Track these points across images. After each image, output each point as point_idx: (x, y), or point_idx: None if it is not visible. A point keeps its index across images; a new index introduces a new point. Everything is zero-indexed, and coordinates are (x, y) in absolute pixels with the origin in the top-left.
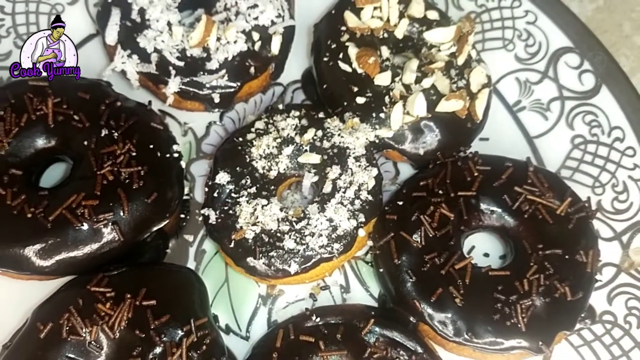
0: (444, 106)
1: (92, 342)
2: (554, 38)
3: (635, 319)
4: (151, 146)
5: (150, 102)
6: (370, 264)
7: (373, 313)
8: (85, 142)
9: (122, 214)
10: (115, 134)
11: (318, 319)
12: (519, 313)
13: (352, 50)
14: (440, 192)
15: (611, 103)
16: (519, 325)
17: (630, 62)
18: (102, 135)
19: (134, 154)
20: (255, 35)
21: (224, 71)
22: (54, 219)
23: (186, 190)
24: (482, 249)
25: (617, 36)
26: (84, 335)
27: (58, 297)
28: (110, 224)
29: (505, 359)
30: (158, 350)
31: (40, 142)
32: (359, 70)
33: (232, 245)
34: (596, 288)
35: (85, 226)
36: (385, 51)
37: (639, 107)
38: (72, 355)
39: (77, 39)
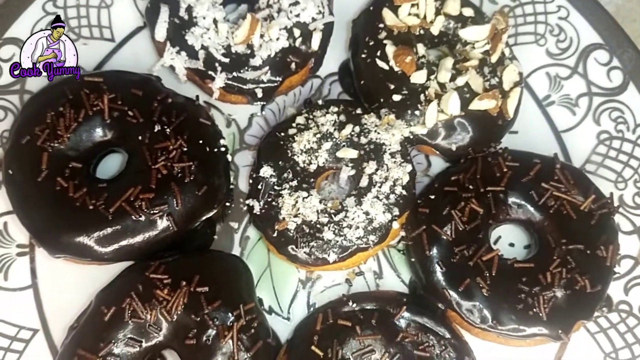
0: (477, 105)
1: (152, 325)
2: (584, 34)
3: None
4: (200, 141)
5: (197, 96)
6: (402, 252)
7: (405, 300)
8: (140, 137)
9: (175, 205)
10: (168, 130)
11: (354, 305)
12: (541, 303)
13: (390, 49)
14: (471, 187)
15: (638, 100)
16: (540, 315)
17: None
18: (155, 130)
19: (185, 149)
20: (297, 32)
21: (267, 67)
22: (114, 210)
23: (231, 179)
24: (508, 239)
25: None
26: (144, 318)
27: (119, 282)
28: (164, 215)
29: (527, 344)
30: (211, 332)
31: (98, 136)
32: (396, 68)
33: (275, 234)
34: (614, 279)
35: (143, 217)
36: (421, 48)
37: None
38: (133, 336)
39: (126, 32)
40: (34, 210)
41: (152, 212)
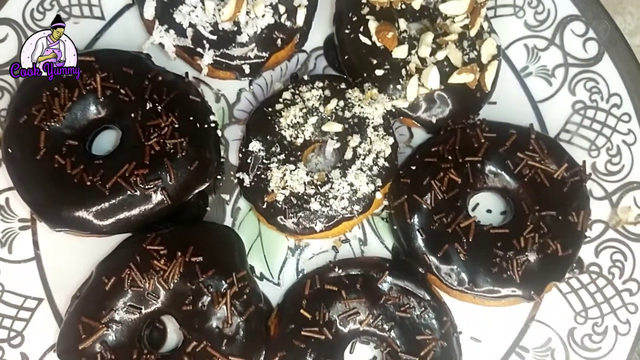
0: (455, 79)
1: (150, 293)
2: (562, 6)
3: (617, 270)
4: (191, 118)
5: (187, 73)
6: (385, 220)
7: (387, 265)
8: (132, 114)
9: (169, 180)
10: (159, 107)
11: (340, 271)
12: (515, 267)
13: (372, 25)
14: (450, 157)
15: (612, 71)
16: (514, 277)
17: (635, 19)
18: (147, 108)
19: (176, 125)
20: (282, 8)
21: (253, 44)
22: (111, 186)
23: (221, 154)
24: (486, 205)
25: None
26: (143, 286)
27: (118, 253)
28: (159, 189)
29: (502, 305)
30: (206, 299)
31: (92, 114)
32: (378, 44)
33: (264, 206)
34: (585, 242)
35: (138, 192)
36: (402, 23)
37: (638, 76)
38: (133, 304)
39: (116, 9)
40: (34, 186)
41: (146, 186)
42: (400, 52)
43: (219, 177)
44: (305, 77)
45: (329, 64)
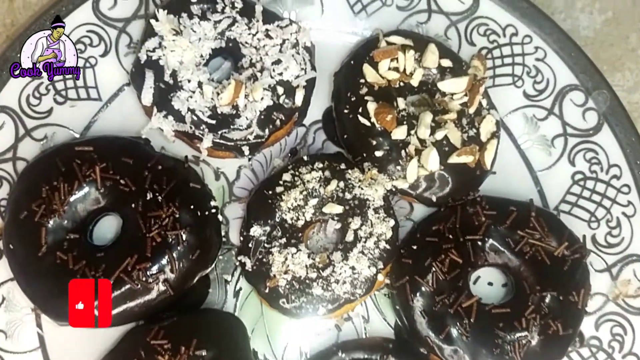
0: (455, 160)
1: None
2: (561, 75)
3: (617, 344)
4: (191, 206)
5: (186, 158)
6: (387, 295)
7: (390, 346)
8: (133, 205)
9: (170, 272)
10: (159, 198)
11: (343, 354)
12: (517, 348)
13: (371, 106)
14: (451, 237)
15: (611, 141)
16: (516, 358)
17: (634, 76)
18: (148, 198)
19: (177, 216)
20: (280, 90)
21: (252, 127)
22: (113, 281)
23: (222, 233)
24: (487, 278)
25: (623, 49)
26: None
27: (123, 347)
28: (160, 282)
29: None
30: None
31: (92, 204)
32: (377, 125)
33: (267, 290)
34: (586, 315)
35: (140, 285)
36: (401, 102)
37: (637, 146)
38: None
39: (112, 90)
40: (37, 282)
41: (149, 280)
42: (399, 134)
43: (220, 257)
44: (305, 157)
45: (328, 138)
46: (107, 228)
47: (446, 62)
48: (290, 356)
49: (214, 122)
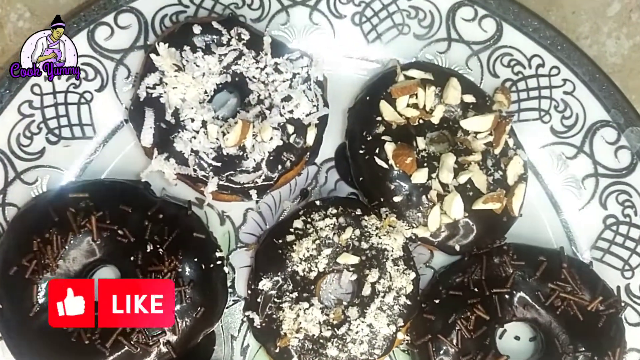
0: (481, 206)
1: None
2: (591, 110)
3: None
4: (195, 259)
5: (189, 204)
6: (406, 352)
7: None
8: (132, 258)
9: (172, 333)
10: (160, 250)
11: None
12: None
13: (389, 147)
14: (476, 289)
15: None
16: None
17: None
18: (148, 250)
19: (179, 270)
20: (290, 129)
21: (261, 170)
22: (111, 345)
23: (228, 283)
24: (513, 332)
25: None
26: None
27: None
28: (162, 344)
29: None
30: None
31: (87, 257)
32: (395, 168)
33: (277, 350)
34: None
35: (140, 350)
36: (421, 142)
37: None
38: None
39: (110, 127)
40: (28, 345)
41: (149, 343)
42: (420, 177)
43: (225, 310)
44: (317, 202)
45: (341, 178)
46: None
47: (469, 98)
48: None
49: (219, 164)
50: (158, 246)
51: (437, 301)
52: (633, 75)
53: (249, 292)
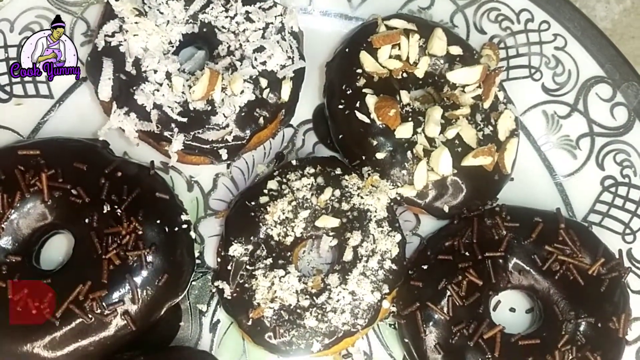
0: (471, 162)
1: None
2: (584, 66)
3: None
4: (158, 221)
5: (152, 163)
6: (393, 326)
7: None
8: (87, 220)
9: (132, 302)
10: (119, 211)
11: None
12: None
13: (371, 100)
14: (467, 254)
15: None
16: None
17: None
18: (105, 212)
19: (139, 232)
20: (264, 82)
21: (231, 126)
22: (61, 314)
23: (196, 254)
24: (508, 303)
25: None
26: None
27: None
28: (119, 314)
29: None
30: None
31: (37, 221)
32: (378, 122)
33: (249, 323)
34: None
35: (94, 319)
36: (405, 96)
37: None
38: None
39: (66, 86)
40: None
41: (105, 312)
42: (404, 132)
43: (193, 282)
44: (294, 161)
45: (319, 140)
46: (57, 250)
47: (455, 50)
48: None
49: (185, 120)
50: (116, 207)
51: (425, 267)
52: (624, 41)
53: (219, 260)
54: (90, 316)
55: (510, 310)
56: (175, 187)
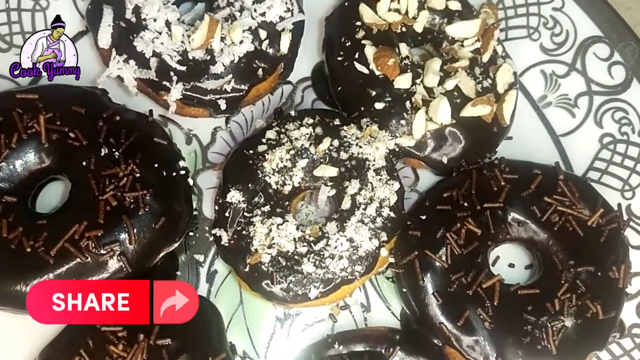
0: (469, 111)
1: None
2: (582, 26)
3: None
4: (155, 165)
5: (151, 111)
6: (391, 279)
7: (397, 338)
8: (84, 163)
9: (128, 243)
10: (116, 153)
11: (340, 347)
12: (550, 336)
13: (369, 50)
14: (466, 204)
15: None
16: (550, 348)
17: None
18: (102, 154)
19: (137, 175)
20: (263, 33)
21: (230, 75)
22: (56, 252)
23: (194, 205)
24: (507, 259)
25: None
26: None
27: (66, 337)
28: (116, 255)
29: None
30: None
31: (34, 163)
32: (377, 72)
33: (247, 269)
34: (625, 300)
35: (90, 259)
36: (403, 48)
37: None
38: None
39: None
40: None
41: (100, 252)
42: (403, 82)
43: (190, 233)
44: (292, 113)
45: (318, 97)
46: (54, 197)
47: (454, 5)
48: (274, 352)
49: (184, 68)
50: (114, 150)
51: (423, 217)
52: (621, 12)
53: (216, 208)
54: (85, 255)
55: (509, 266)
56: (174, 139)
